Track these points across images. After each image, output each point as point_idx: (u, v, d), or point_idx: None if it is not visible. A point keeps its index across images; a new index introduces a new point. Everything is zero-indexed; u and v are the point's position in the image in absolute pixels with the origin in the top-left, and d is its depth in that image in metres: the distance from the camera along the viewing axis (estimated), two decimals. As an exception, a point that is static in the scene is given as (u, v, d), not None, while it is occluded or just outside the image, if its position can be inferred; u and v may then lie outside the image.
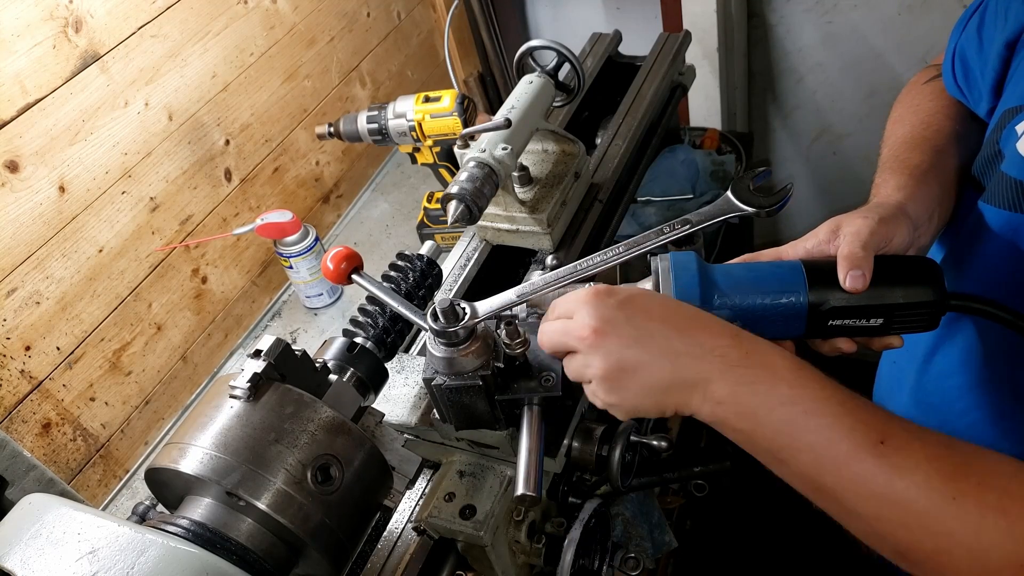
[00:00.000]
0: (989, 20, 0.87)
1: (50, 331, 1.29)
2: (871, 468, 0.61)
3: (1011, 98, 0.81)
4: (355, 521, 0.81)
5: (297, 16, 1.71)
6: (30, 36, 1.19)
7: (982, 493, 0.59)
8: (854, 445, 0.62)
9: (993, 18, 0.86)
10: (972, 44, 0.89)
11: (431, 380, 0.81)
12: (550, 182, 1.11)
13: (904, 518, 0.61)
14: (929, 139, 0.91)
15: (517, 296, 0.81)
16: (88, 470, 1.37)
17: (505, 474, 0.91)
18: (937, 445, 0.62)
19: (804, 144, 2.33)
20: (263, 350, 0.81)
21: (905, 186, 0.85)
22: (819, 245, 0.77)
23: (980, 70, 0.88)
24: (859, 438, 0.62)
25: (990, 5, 0.88)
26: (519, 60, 1.13)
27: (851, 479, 0.62)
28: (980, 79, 0.88)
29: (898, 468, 0.61)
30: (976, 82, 0.89)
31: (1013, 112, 0.79)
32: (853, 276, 0.71)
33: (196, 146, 1.51)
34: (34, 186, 1.23)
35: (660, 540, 1.16)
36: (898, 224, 0.77)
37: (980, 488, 0.59)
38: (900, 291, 0.73)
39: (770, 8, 2.06)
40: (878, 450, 0.61)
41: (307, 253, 1.58)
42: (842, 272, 0.72)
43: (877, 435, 0.62)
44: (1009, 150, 0.79)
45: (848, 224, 0.75)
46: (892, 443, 0.61)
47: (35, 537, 0.67)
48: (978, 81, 0.89)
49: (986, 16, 0.88)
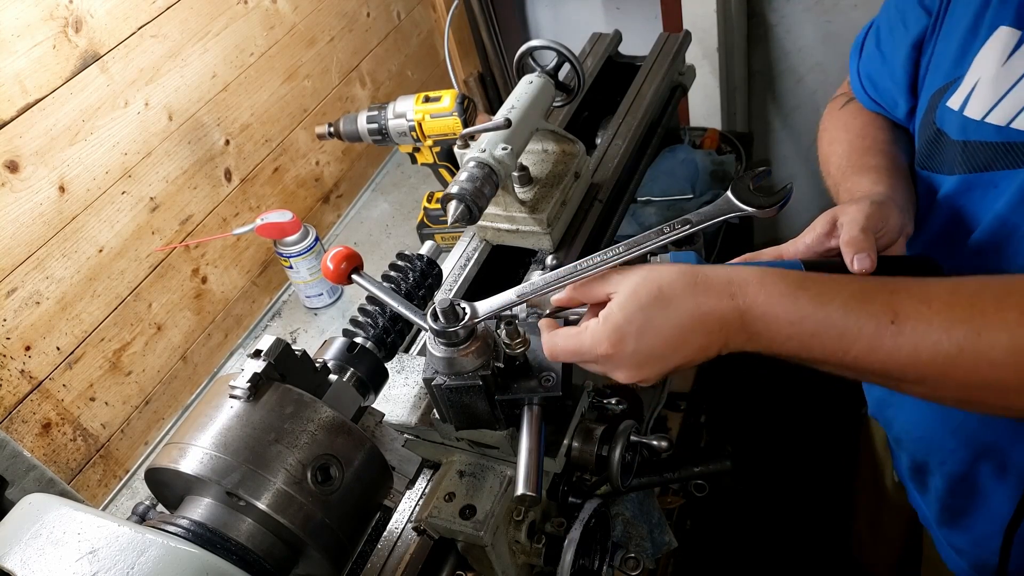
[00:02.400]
0: (886, 36, 0.98)
1: (50, 331, 1.29)
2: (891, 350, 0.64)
3: (934, 82, 0.88)
4: (355, 521, 0.81)
5: (297, 16, 1.71)
6: (30, 36, 1.19)
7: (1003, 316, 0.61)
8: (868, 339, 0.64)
9: (890, 32, 0.97)
10: (875, 61, 1.00)
11: (431, 380, 0.81)
12: (550, 182, 1.11)
13: (942, 373, 0.63)
14: (873, 146, 0.97)
15: (517, 296, 0.80)
16: (88, 470, 1.37)
17: (505, 474, 0.91)
18: (945, 295, 0.65)
19: (804, 144, 2.33)
20: (263, 350, 0.81)
21: (879, 180, 0.89)
22: (818, 238, 0.79)
23: (891, 79, 0.96)
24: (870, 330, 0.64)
25: (882, 24, 0.99)
26: (519, 60, 1.13)
27: (881, 364, 0.65)
28: (893, 87, 0.97)
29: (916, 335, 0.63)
30: (889, 91, 0.98)
31: (941, 92, 0.86)
32: (859, 259, 0.73)
33: (196, 146, 1.51)
34: (34, 186, 1.23)
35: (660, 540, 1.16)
36: (890, 208, 0.80)
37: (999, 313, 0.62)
38: (901, 290, 0.73)
39: (770, 8, 2.06)
40: (892, 331, 0.64)
41: (307, 253, 1.58)
42: (848, 257, 0.74)
43: (887, 317, 0.64)
44: (948, 120, 0.85)
45: (844, 213, 0.78)
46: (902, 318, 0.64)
47: (35, 537, 0.67)
48: (891, 90, 0.97)
49: (880, 35, 0.99)
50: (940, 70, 0.86)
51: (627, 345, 0.69)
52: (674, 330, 0.69)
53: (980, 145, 0.82)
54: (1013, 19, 0.77)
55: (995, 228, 0.82)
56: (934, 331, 0.63)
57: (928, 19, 0.89)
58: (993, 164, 0.81)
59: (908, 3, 0.92)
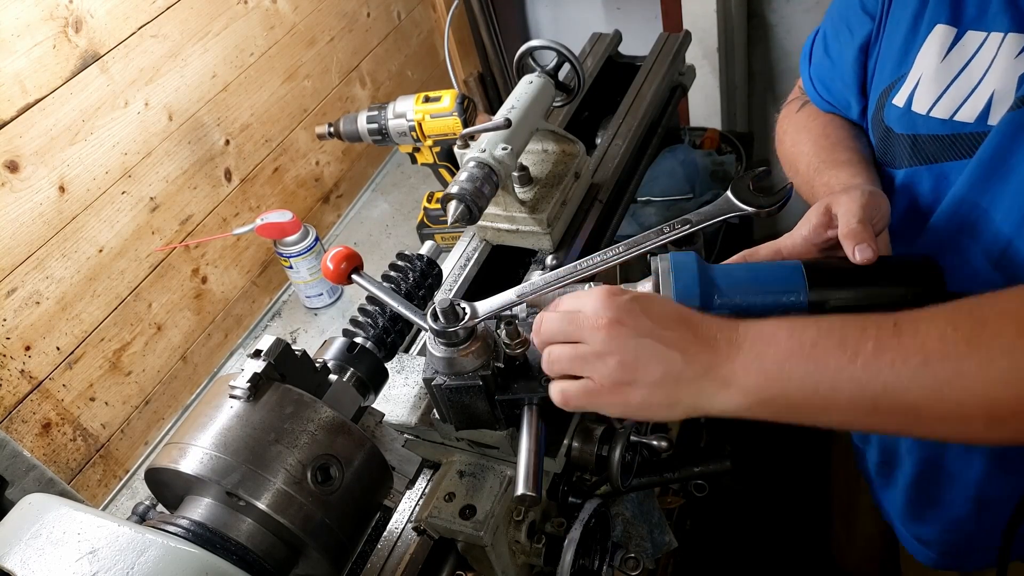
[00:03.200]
0: (832, 42, 0.99)
1: (50, 331, 1.29)
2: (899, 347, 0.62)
3: (881, 82, 0.90)
4: (355, 521, 0.81)
5: (297, 16, 1.71)
6: (30, 36, 1.19)
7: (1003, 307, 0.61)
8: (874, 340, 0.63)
9: (836, 38, 0.99)
10: (824, 66, 1.01)
11: (431, 380, 0.81)
12: (550, 182, 1.11)
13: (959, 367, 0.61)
14: (839, 143, 0.98)
15: (517, 296, 0.81)
16: (88, 470, 1.37)
17: (505, 474, 0.91)
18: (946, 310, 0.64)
19: (804, 144, 2.32)
20: (263, 350, 0.81)
21: (857, 173, 0.90)
22: (815, 230, 0.79)
23: (841, 82, 0.98)
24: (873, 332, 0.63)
25: (828, 31, 1.01)
26: (519, 60, 1.13)
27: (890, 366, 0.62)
28: (844, 89, 0.98)
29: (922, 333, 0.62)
30: (841, 93, 1.00)
31: (887, 91, 0.88)
32: (860, 249, 0.73)
33: (196, 146, 1.51)
34: (34, 186, 1.23)
35: (660, 540, 1.16)
36: (880, 195, 0.81)
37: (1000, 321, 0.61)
38: (900, 289, 0.73)
39: (770, 8, 2.06)
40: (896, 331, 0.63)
41: (307, 253, 1.58)
42: (848, 250, 0.74)
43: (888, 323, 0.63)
44: (894, 117, 0.87)
45: (837, 204, 0.78)
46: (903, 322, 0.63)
47: (35, 537, 0.67)
48: (843, 92, 0.99)
49: (828, 40, 1.01)
50: (885, 70, 0.89)
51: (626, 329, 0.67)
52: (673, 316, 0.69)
53: (928, 138, 0.84)
54: (948, 17, 0.80)
55: (949, 216, 0.84)
56: (939, 324, 0.62)
57: (872, 24, 0.91)
58: (941, 156, 0.84)
59: (851, 9, 0.94)
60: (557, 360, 0.72)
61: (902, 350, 0.62)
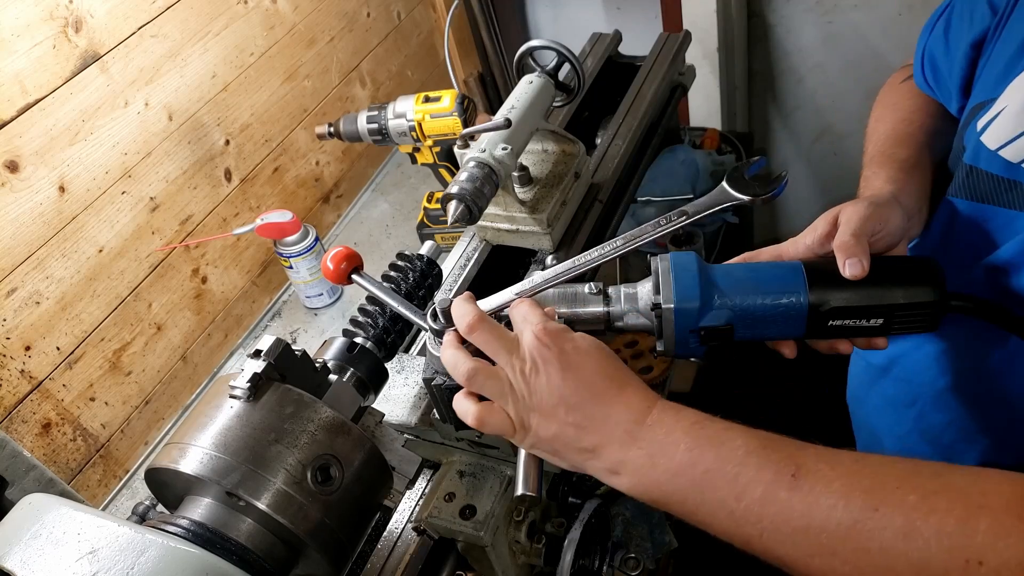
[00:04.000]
0: (955, 23, 0.90)
1: (50, 331, 1.29)
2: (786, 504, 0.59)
3: (978, 95, 0.83)
4: (355, 521, 0.81)
5: (297, 16, 1.71)
6: (30, 36, 1.19)
7: (902, 496, 0.56)
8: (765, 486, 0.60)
9: (959, 21, 0.89)
10: (939, 46, 0.92)
11: (431, 380, 0.81)
12: (550, 182, 1.11)
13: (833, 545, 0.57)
14: (912, 135, 0.93)
15: (516, 295, 0.80)
16: (88, 470, 1.37)
17: (505, 474, 0.91)
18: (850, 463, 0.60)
19: (805, 144, 2.33)
20: (263, 350, 0.81)
21: (895, 179, 0.86)
22: (819, 239, 0.77)
23: (948, 71, 0.90)
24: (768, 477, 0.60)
25: (956, 8, 0.91)
26: (519, 60, 1.13)
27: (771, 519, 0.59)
28: (948, 79, 0.90)
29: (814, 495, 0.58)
30: (945, 82, 0.92)
31: (977, 108, 0.81)
32: (850, 264, 0.71)
33: (196, 146, 1.51)
34: (34, 186, 1.23)
35: (660, 540, 1.16)
36: (892, 209, 0.78)
37: (900, 492, 0.56)
38: (900, 291, 0.73)
39: (770, 8, 2.06)
40: (791, 483, 0.59)
41: (307, 253, 1.58)
42: (840, 262, 0.72)
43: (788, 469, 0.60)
44: (971, 143, 0.80)
45: (842, 214, 0.76)
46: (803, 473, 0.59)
47: (35, 537, 0.67)
48: (947, 81, 0.91)
49: (952, 19, 0.91)
50: (987, 84, 0.81)
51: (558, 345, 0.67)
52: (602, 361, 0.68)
53: (985, 175, 0.79)
54: None
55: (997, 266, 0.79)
56: (832, 495, 0.57)
57: (991, 20, 0.82)
58: (992, 198, 0.79)
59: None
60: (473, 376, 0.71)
61: (787, 511, 0.59)
